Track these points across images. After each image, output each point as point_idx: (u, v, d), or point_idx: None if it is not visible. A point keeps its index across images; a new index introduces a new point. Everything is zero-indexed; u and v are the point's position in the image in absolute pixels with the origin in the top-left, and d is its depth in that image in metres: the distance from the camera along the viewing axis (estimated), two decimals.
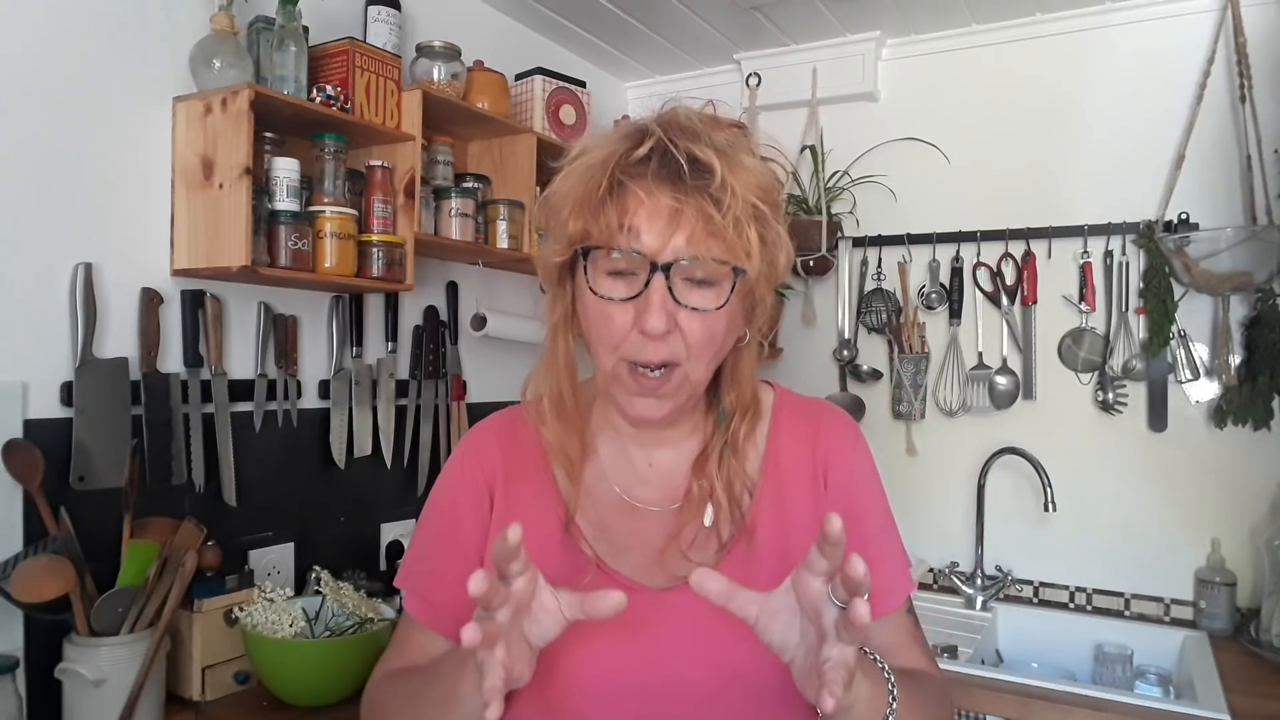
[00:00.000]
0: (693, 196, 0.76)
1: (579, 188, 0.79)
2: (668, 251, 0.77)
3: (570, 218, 0.80)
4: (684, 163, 0.76)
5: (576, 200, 0.79)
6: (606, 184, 0.78)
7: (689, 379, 0.81)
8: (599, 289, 0.80)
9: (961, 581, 2.21)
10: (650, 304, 0.77)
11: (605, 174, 0.78)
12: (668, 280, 0.77)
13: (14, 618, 1.29)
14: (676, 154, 0.77)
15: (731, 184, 0.76)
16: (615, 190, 0.78)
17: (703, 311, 0.78)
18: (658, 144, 0.78)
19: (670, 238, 0.77)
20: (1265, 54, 1.98)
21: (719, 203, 0.76)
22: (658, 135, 0.78)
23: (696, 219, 0.76)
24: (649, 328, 0.77)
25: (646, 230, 0.77)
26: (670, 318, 0.77)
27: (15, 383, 1.32)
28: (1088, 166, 2.19)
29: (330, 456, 1.80)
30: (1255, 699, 1.59)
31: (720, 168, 0.76)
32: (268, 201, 1.52)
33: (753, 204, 0.78)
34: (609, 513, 0.89)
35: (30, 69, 1.34)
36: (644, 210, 0.77)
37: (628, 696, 0.80)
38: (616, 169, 0.78)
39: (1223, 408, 2.00)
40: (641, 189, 0.77)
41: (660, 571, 0.85)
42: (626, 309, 0.79)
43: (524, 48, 2.30)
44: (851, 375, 2.46)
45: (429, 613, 0.90)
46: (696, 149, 0.77)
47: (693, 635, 0.82)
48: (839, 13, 2.26)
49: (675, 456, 0.91)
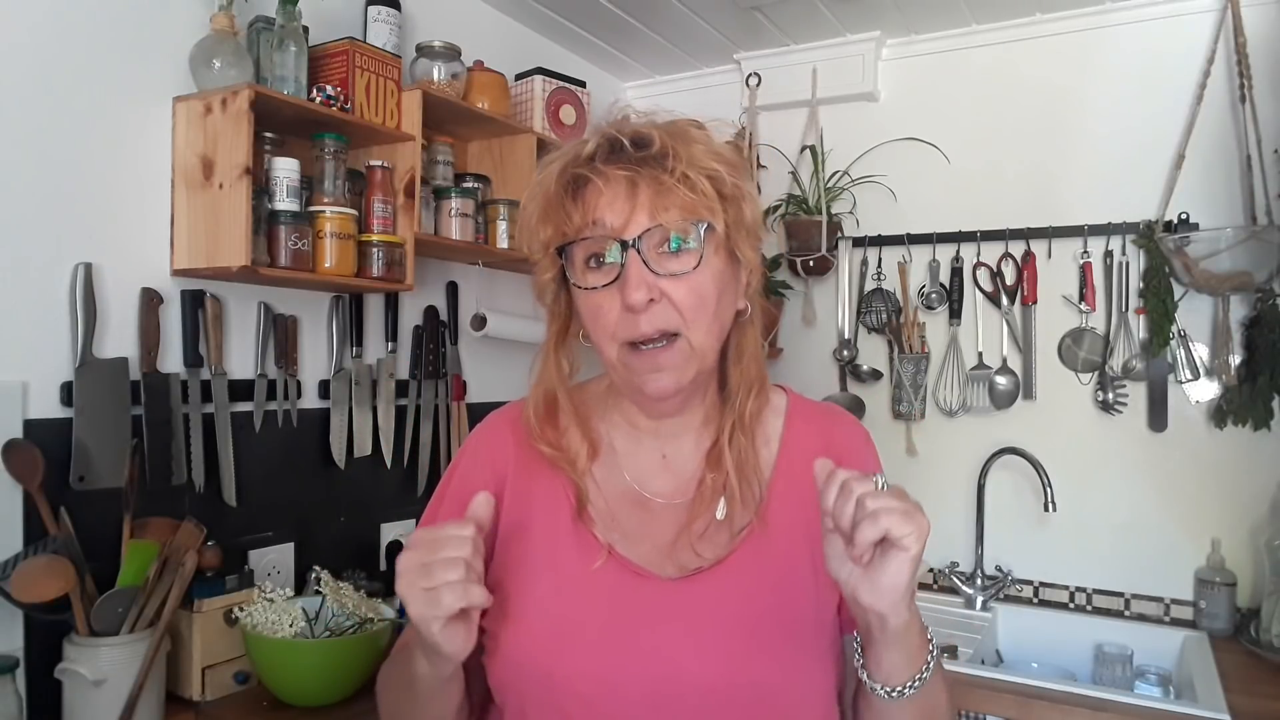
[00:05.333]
0: (642, 168, 0.80)
1: (541, 198, 0.84)
2: (632, 226, 0.80)
3: (539, 226, 0.84)
4: (626, 142, 0.81)
5: (541, 209, 0.84)
6: (563, 185, 0.82)
7: (692, 347, 0.83)
8: (583, 283, 0.83)
9: (961, 581, 2.21)
10: (628, 278, 0.80)
11: (560, 177, 0.83)
12: (641, 254, 0.80)
13: (14, 618, 1.29)
14: (620, 138, 0.81)
15: (672, 146, 0.80)
16: (573, 188, 0.83)
17: (683, 275, 0.81)
18: (603, 136, 0.82)
19: (631, 213, 0.80)
20: (1265, 54, 1.98)
21: (665, 167, 0.80)
22: (602, 129, 0.83)
23: (651, 187, 0.80)
24: (630, 301, 0.79)
25: (609, 213, 0.81)
26: (651, 288, 0.80)
27: (15, 383, 1.32)
28: (1088, 166, 2.19)
29: (330, 456, 1.80)
30: (1255, 699, 1.59)
31: (658, 136, 0.81)
32: (268, 201, 1.52)
33: (702, 163, 0.81)
34: (620, 505, 0.90)
35: (30, 69, 1.34)
36: (603, 196, 0.81)
37: (632, 684, 0.80)
38: (570, 168, 0.82)
39: (1223, 408, 2.00)
40: (596, 178, 0.81)
41: (670, 563, 0.85)
42: (612, 294, 0.82)
43: (524, 48, 2.31)
44: (851, 375, 2.46)
45: None
46: (639, 128, 0.82)
47: (701, 626, 0.82)
48: (839, 13, 2.26)
49: (689, 448, 0.92)
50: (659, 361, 0.83)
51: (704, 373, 0.87)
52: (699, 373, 0.85)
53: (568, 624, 0.83)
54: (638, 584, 0.84)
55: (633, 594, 0.83)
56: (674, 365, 0.83)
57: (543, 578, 0.85)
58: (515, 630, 0.84)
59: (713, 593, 0.83)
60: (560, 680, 0.81)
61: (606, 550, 0.85)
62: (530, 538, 0.87)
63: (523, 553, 0.87)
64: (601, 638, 0.82)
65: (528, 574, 0.86)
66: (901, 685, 0.75)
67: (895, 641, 0.74)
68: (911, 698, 0.76)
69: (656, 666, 0.81)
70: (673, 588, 0.84)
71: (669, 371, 0.83)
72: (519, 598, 0.85)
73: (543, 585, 0.85)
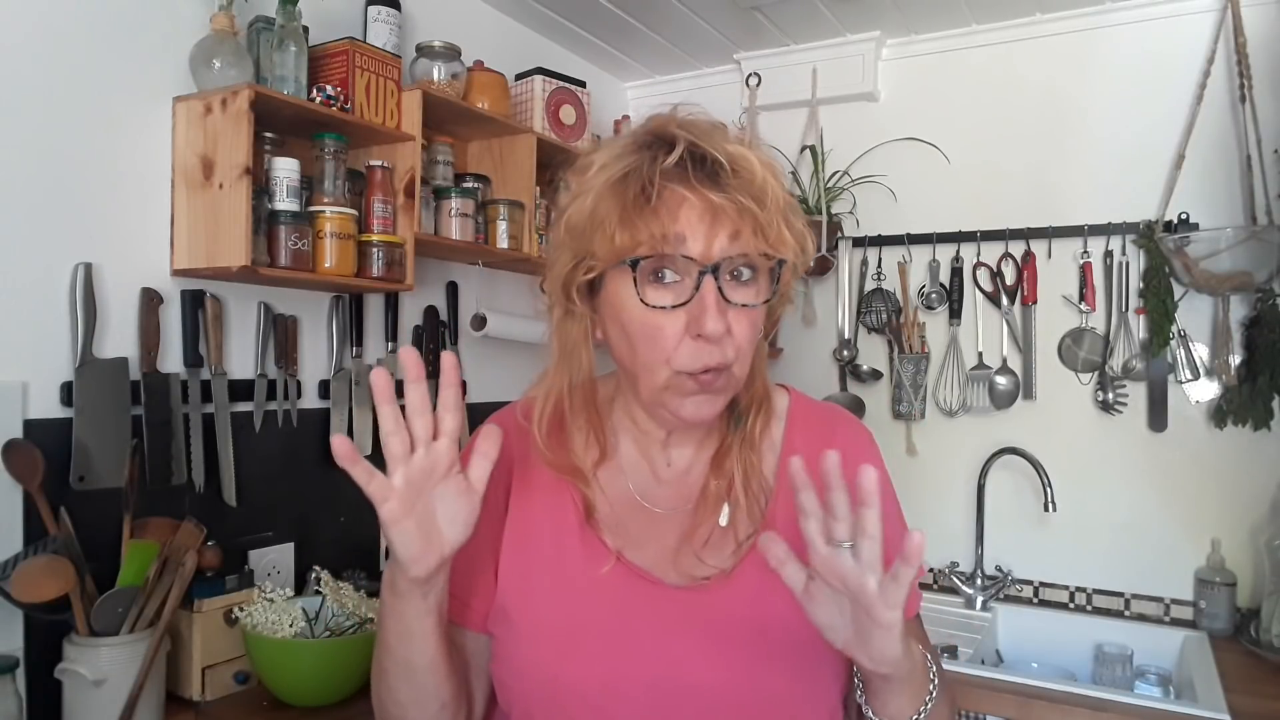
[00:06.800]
0: (732, 194, 0.76)
1: (618, 200, 0.77)
2: (715, 252, 0.77)
3: (617, 231, 0.77)
4: (723, 161, 0.77)
5: (619, 212, 0.77)
6: (646, 192, 0.77)
7: (734, 377, 0.82)
8: (647, 299, 0.78)
9: (961, 581, 2.21)
10: (706, 306, 0.76)
11: (642, 182, 0.77)
12: (717, 281, 0.77)
13: (14, 618, 1.29)
14: (712, 153, 0.77)
15: (768, 179, 0.78)
16: (656, 198, 0.77)
17: (749, 308, 0.79)
18: (689, 147, 0.78)
19: (715, 238, 0.77)
20: (1265, 54, 1.98)
21: (760, 199, 0.77)
22: (686, 139, 0.78)
23: (739, 216, 0.77)
24: (709, 330, 0.76)
25: (691, 233, 0.76)
26: (724, 318, 0.77)
27: (15, 383, 1.32)
28: (1088, 166, 2.19)
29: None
30: (1255, 699, 1.59)
31: (758, 165, 0.78)
32: (268, 201, 1.52)
33: (785, 198, 0.80)
34: (625, 511, 0.89)
35: (30, 69, 1.34)
36: (688, 213, 0.76)
37: (637, 690, 0.80)
38: (652, 176, 0.77)
39: (1223, 408, 2.00)
40: (685, 191, 0.76)
41: (674, 569, 0.85)
42: (677, 316, 0.78)
43: (524, 48, 2.31)
44: (851, 375, 2.46)
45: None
46: (729, 148, 0.78)
47: (705, 634, 0.82)
48: (839, 13, 2.26)
49: (692, 456, 0.91)
50: (711, 390, 0.80)
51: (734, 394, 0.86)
52: (730, 397, 0.85)
53: (574, 629, 0.82)
54: (645, 590, 0.83)
55: (640, 600, 0.83)
56: (721, 393, 0.82)
57: (549, 582, 0.85)
58: (521, 634, 0.83)
59: (720, 601, 0.83)
60: (566, 685, 0.81)
61: (615, 556, 0.85)
62: (536, 542, 0.87)
63: (528, 557, 0.86)
64: (608, 643, 0.81)
65: (534, 578, 0.85)
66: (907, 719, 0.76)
67: (898, 690, 0.74)
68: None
69: (662, 672, 0.80)
70: (680, 595, 0.83)
71: (713, 400, 0.82)
72: (524, 602, 0.84)
73: (549, 590, 0.84)
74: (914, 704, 0.76)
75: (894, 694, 0.74)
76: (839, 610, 0.69)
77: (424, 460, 0.71)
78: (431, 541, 0.73)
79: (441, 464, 0.72)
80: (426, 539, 0.72)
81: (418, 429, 0.71)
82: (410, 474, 0.71)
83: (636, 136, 0.82)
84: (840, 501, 0.67)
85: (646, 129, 0.82)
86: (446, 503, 0.73)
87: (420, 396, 0.71)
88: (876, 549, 0.66)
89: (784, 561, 0.70)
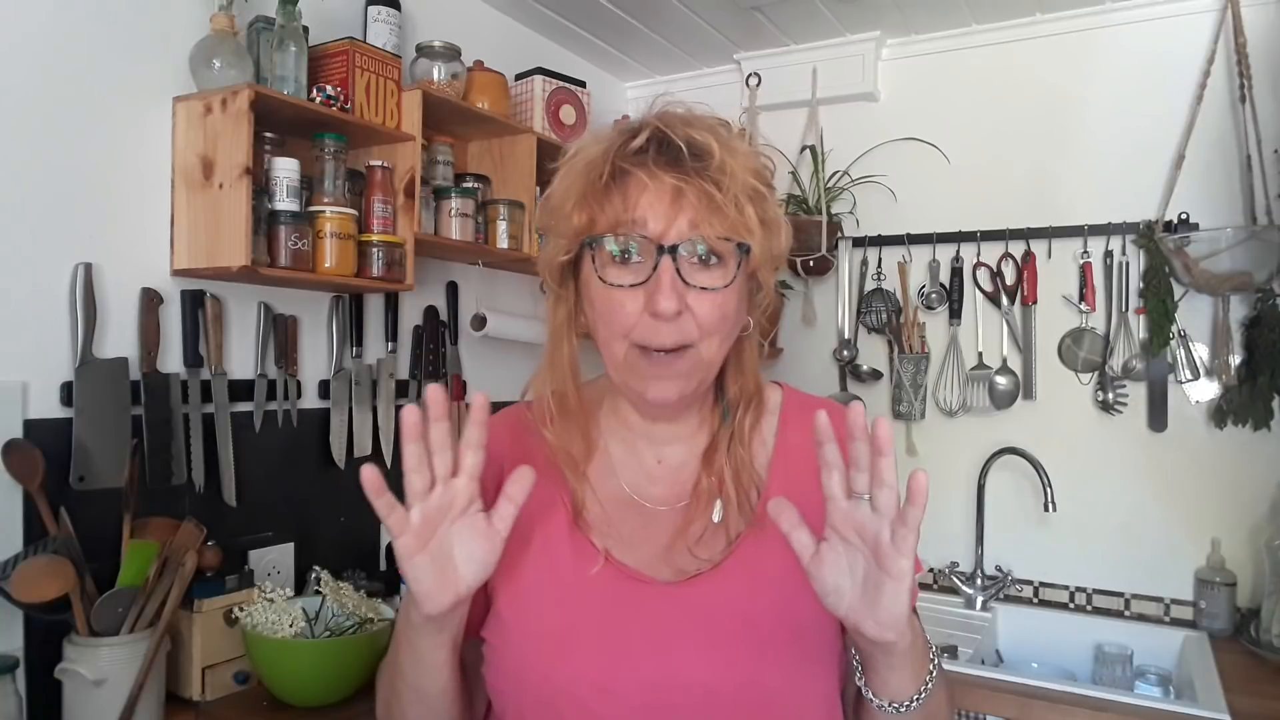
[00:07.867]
0: (694, 178, 0.78)
1: (580, 181, 0.81)
2: (673, 233, 0.79)
3: (574, 211, 0.81)
4: (683, 146, 0.79)
5: (579, 193, 0.81)
6: (608, 174, 0.80)
7: (702, 359, 0.82)
8: (607, 277, 0.81)
9: (961, 581, 2.21)
10: (660, 285, 0.78)
11: (606, 164, 0.80)
12: (675, 262, 0.79)
13: (14, 618, 1.29)
14: (675, 139, 0.79)
15: (730, 164, 0.79)
16: (617, 179, 0.80)
17: (711, 291, 0.80)
18: (654, 132, 0.80)
19: (674, 219, 0.78)
20: (1265, 54, 1.98)
21: (719, 183, 0.78)
22: (654, 125, 0.81)
23: (699, 199, 0.78)
24: (661, 309, 0.78)
25: (651, 214, 0.79)
26: (680, 298, 0.79)
27: (15, 383, 1.32)
28: (1088, 166, 2.19)
29: (330, 456, 1.80)
30: (1255, 699, 1.59)
31: (718, 149, 0.79)
32: (268, 201, 1.52)
33: (750, 184, 0.80)
34: (616, 510, 0.89)
35: (30, 69, 1.34)
36: (647, 195, 0.79)
37: (631, 689, 0.80)
38: (616, 159, 0.80)
39: (1223, 408, 2.00)
40: (643, 174, 0.79)
41: (667, 567, 0.85)
42: (636, 295, 0.80)
43: (524, 48, 2.31)
44: (851, 375, 2.46)
45: None
46: (694, 133, 0.80)
47: (698, 630, 0.82)
48: (839, 13, 2.26)
49: (684, 453, 0.91)
50: (669, 369, 0.82)
51: (705, 383, 0.87)
52: (701, 383, 0.85)
53: (565, 630, 0.82)
54: (635, 589, 0.83)
55: (630, 599, 0.83)
56: (682, 374, 0.82)
57: (539, 584, 0.85)
58: (513, 638, 0.83)
59: (712, 595, 0.83)
60: (558, 686, 0.81)
61: (603, 556, 0.85)
62: (526, 544, 0.86)
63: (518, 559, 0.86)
64: (599, 643, 0.82)
65: (524, 580, 0.85)
66: (907, 700, 0.76)
67: (900, 664, 0.74)
68: (916, 709, 0.76)
69: (655, 670, 0.80)
70: (671, 592, 0.83)
71: (675, 380, 0.83)
72: (515, 604, 0.84)
73: (539, 591, 0.85)
74: (915, 682, 0.76)
75: (895, 669, 0.74)
76: (847, 570, 0.70)
77: (441, 498, 0.72)
78: (447, 578, 0.73)
79: (459, 501, 0.73)
80: (441, 575, 0.73)
81: (438, 466, 0.72)
82: (426, 510, 0.72)
83: (619, 125, 0.85)
84: (862, 452, 0.68)
85: (630, 120, 0.85)
86: (465, 541, 0.74)
87: (441, 435, 0.72)
88: (892, 497, 0.67)
89: (796, 525, 0.72)
